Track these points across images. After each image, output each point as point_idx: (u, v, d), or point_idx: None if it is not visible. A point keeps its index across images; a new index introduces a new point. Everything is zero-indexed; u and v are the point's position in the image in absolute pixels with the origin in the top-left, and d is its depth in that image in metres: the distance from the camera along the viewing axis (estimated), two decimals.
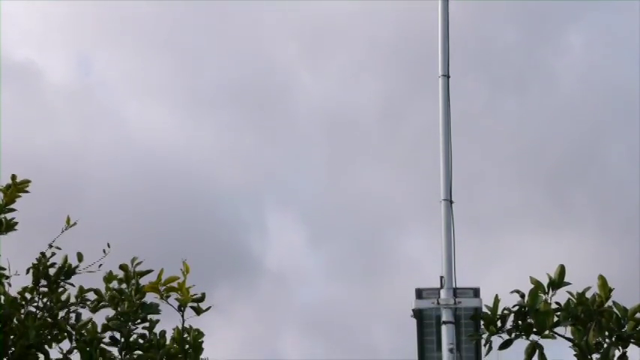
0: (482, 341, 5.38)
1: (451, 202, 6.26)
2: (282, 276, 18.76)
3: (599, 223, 18.32)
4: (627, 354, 5.25)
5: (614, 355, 5.20)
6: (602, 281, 5.23)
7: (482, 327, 5.38)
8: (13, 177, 5.77)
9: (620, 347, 5.23)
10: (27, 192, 5.80)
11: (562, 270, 5.28)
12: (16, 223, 5.73)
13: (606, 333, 5.19)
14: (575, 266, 5.42)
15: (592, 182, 18.49)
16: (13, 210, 5.76)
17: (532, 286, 5.27)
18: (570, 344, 5.24)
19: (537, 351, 5.21)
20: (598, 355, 5.23)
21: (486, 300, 5.49)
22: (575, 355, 5.27)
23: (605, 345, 5.22)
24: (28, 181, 5.81)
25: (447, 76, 6.58)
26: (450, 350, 5.83)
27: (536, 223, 17.80)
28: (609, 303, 5.24)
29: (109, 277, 6.01)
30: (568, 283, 5.29)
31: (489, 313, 5.33)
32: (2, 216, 5.71)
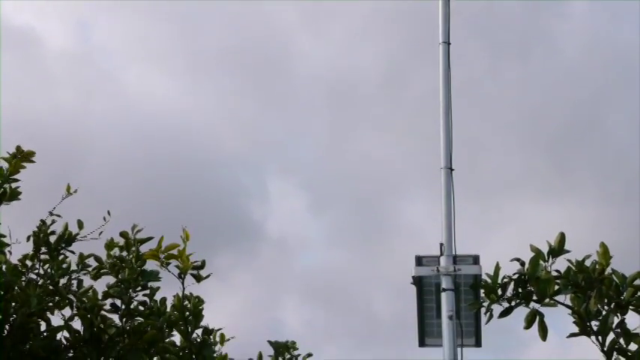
0: (483, 309, 5.38)
1: (451, 169, 6.24)
2: (282, 242, 18.82)
3: (600, 189, 18.32)
4: (626, 321, 5.26)
5: (612, 322, 5.20)
6: (604, 249, 5.22)
7: (483, 295, 5.39)
8: (18, 148, 5.75)
9: (618, 314, 5.23)
10: (32, 162, 5.79)
11: (562, 238, 5.27)
12: (20, 192, 5.72)
13: (605, 300, 5.20)
14: (576, 232, 5.40)
15: (593, 148, 18.46)
16: (16, 180, 5.75)
17: (532, 253, 5.28)
18: (570, 311, 5.25)
19: (537, 318, 5.22)
20: (597, 322, 5.24)
21: (487, 267, 5.49)
22: (574, 322, 5.28)
23: (604, 312, 5.22)
24: (33, 153, 5.79)
25: (447, 42, 6.54)
26: (450, 317, 5.84)
27: (537, 190, 17.80)
28: (608, 270, 5.25)
29: (109, 245, 6.02)
30: (568, 251, 5.28)
31: (490, 281, 5.33)
32: (7, 185, 5.70)
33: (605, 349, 5.21)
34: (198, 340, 5.98)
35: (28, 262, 5.91)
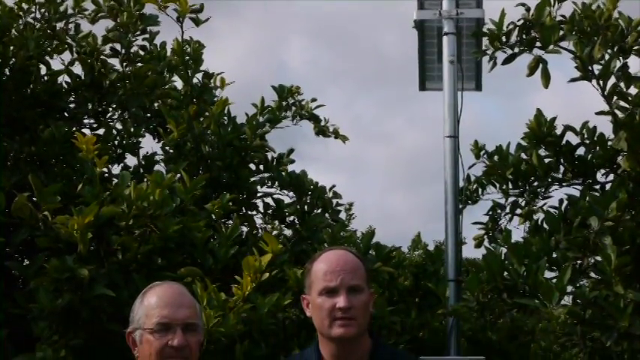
0: (487, 57, 5.32)
1: None
2: None
3: None
4: (628, 64, 5.20)
5: (615, 67, 5.15)
6: None
7: (487, 43, 5.30)
8: None
9: (621, 58, 5.17)
10: None
11: None
12: None
13: (609, 45, 5.11)
14: None
15: None
16: None
17: None
18: (572, 56, 5.18)
19: (541, 65, 5.17)
20: (599, 67, 5.19)
21: (493, 12, 5.35)
22: (575, 67, 5.23)
23: (607, 57, 5.15)
24: None
25: None
26: (451, 62, 5.80)
27: None
28: (615, 15, 5.13)
29: None
30: None
31: (494, 28, 5.23)
32: None
33: (606, 93, 5.20)
34: (199, 84, 5.99)
35: (25, 6, 5.78)
